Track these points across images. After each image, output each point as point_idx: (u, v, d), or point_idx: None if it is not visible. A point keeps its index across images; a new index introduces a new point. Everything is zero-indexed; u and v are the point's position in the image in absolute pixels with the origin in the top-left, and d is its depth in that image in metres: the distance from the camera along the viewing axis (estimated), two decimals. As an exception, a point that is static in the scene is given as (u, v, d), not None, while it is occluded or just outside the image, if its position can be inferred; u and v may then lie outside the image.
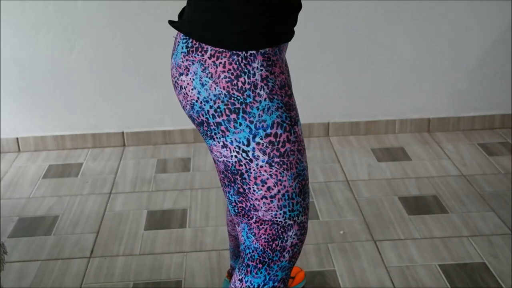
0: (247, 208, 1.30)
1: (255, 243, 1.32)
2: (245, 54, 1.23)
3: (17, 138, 3.10)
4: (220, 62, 1.24)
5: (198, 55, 1.26)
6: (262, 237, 1.31)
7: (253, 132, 1.24)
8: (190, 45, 1.28)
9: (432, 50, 3.05)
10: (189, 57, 1.28)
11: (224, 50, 1.24)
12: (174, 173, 2.83)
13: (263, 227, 1.31)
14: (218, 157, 1.31)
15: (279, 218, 1.30)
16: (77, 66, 2.98)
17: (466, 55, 3.08)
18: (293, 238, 1.32)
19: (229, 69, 1.23)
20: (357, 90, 3.12)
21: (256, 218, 1.30)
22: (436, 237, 2.26)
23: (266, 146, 1.25)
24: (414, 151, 2.99)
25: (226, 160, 1.29)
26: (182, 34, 1.30)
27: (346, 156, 2.96)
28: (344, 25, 2.99)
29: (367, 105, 3.15)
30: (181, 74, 1.30)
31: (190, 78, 1.28)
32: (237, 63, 1.23)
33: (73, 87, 3.03)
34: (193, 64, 1.27)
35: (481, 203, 2.48)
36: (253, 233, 1.32)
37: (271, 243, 1.31)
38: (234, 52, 1.23)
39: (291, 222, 1.31)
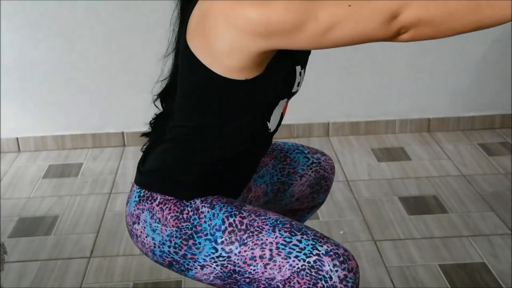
0: (267, 285, 1.26)
1: None
2: None
3: (17, 138, 3.10)
4: (167, 207, 1.31)
5: (147, 203, 1.33)
6: None
7: (213, 239, 1.27)
8: (142, 194, 1.35)
9: (432, 50, 3.05)
10: (139, 205, 1.34)
11: (172, 198, 1.31)
12: (174, 173, 2.83)
13: (294, 282, 1.22)
14: (208, 279, 1.32)
15: (297, 264, 1.21)
16: (77, 66, 2.98)
17: (466, 55, 3.08)
18: (337, 271, 1.20)
19: (174, 209, 1.30)
20: (357, 90, 3.12)
21: (280, 283, 1.24)
22: (436, 237, 2.26)
23: (230, 237, 1.27)
24: (414, 151, 2.99)
25: (215, 275, 1.30)
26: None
27: (346, 156, 2.95)
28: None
29: (367, 105, 3.15)
30: (134, 223, 1.36)
31: (142, 226, 1.34)
32: (180, 203, 1.31)
33: (73, 87, 3.03)
34: (142, 212, 1.33)
35: (481, 203, 2.48)
36: None
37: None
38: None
39: (315, 257, 1.21)
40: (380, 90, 3.12)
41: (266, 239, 1.24)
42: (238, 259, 1.26)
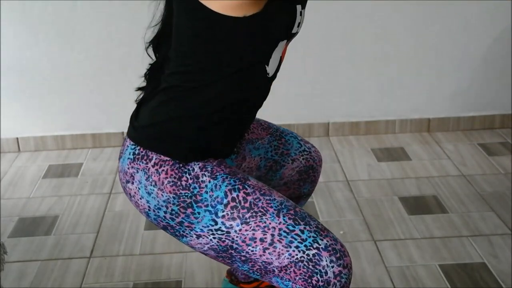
0: (262, 267, 1.26)
1: (295, 286, 1.24)
2: None
3: (17, 138, 3.10)
4: (163, 170, 1.28)
5: (142, 162, 1.29)
6: (297, 278, 1.23)
7: (213, 211, 1.25)
8: (137, 152, 1.31)
9: (432, 50, 3.05)
10: (134, 164, 1.31)
11: (168, 158, 1.28)
12: (174, 173, 2.83)
13: (290, 271, 1.23)
14: (201, 248, 1.31)
15: (296, 255, 1.22)
16: (77, 66, 2.98)
17: (466, 55, 3.08)
18: (332, 267, 1.21)
19: (171, 174, 1.27)
20: (357, 90, 3.12)
21: (276, 268, 1.24)
22: (436, 237, 2.26)
23: (232, 213, 1.25)
24: (414, 151, 2.99)
25: (210, 246, 1.29)
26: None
27: (346, 156, 2.96)
28: (344, 25, 2.99)
29: (367, 105, 3.15)
30: (127, 182, 1.33)
31: (136, 187, 1.31)
32: (178, 168, 1.27)
33: (73, 87, 3.03)
34: (137, 172, 1.30)
35: (481, 203, 2.48)
36: (287, 279, 1.25)
37: (309, 280, 1.22)
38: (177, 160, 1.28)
39: (314, 251, 1.22)
40: (380, 90, 3.12)
41: (269, 223, 1.23)
42: (237, 237, 1.25)
